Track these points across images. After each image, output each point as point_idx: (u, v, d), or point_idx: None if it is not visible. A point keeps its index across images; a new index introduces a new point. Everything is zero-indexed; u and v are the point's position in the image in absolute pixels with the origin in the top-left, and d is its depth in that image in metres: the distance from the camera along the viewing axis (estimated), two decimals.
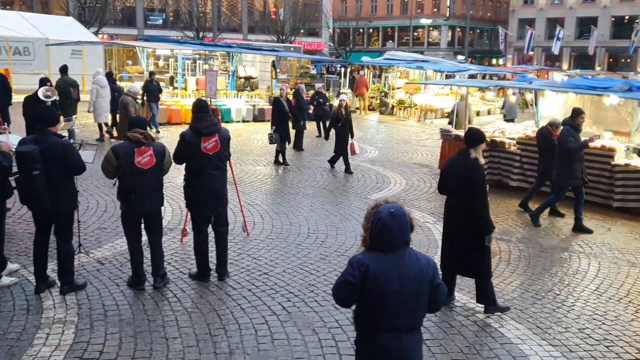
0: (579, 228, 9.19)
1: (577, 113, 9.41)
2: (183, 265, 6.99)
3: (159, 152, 6.16)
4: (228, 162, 6.73)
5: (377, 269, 3.23)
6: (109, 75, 16.68)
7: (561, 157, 9.21)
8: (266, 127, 19.70)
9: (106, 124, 15.39)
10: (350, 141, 12.86)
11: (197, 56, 25.28)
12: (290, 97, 15.82)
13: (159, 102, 17.54)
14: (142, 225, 6.29)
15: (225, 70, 24.67)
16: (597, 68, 50.27)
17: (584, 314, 6.14)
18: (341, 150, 12.85)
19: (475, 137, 5.94)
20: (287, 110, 13.61)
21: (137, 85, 13.63)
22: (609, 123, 12.91)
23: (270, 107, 21.73)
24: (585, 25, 51.61)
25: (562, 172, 9.20)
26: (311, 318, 5.72)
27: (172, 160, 6.41)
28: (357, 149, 13.24)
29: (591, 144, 9.52)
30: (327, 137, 13.65)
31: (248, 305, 5.97)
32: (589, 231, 9.14)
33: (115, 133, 15.37)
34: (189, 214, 7.08)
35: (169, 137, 15.87)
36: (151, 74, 17.71)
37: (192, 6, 43.64)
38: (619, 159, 10.61)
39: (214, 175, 6.38)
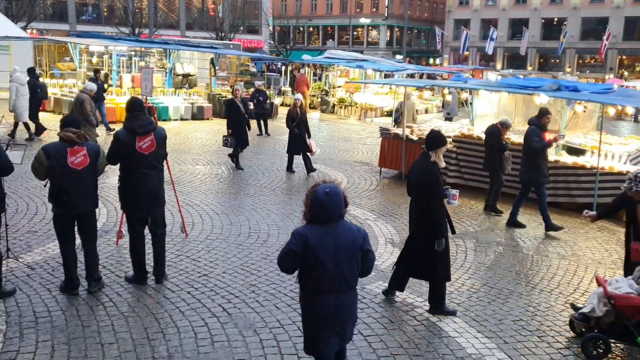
0: (513, 223, 9.51)
1: (543, 113, 9.64)
2: (119, 268, 6.78)
3: (93, 152, 5.95)
4: (165, 161, 6.56)
5: (315, 239, 3.86)
6: (31, 72, 15.97)
7: (528, 156, 9.45)
8: (205, 126, 19.51)
9: (25, 124, 14.63)
10: (308, 140, 12.67)
11: (133, 53, 24.56)
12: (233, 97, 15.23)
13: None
14: (76, 228, 6.05)
15: (163, 68, 24.12)
16: (529, 68, 52.32)
17: (518, 306, 6.36)
18: (294, 150, 12.66)
19: (435, 140, 5.94)
20: (243, 112, 12.92)
21: (92, 83, 13.20)
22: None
23: (210, 105, 21.75)
24: (518, 27, 53.54)
25: (530, 171, 9.39)
26: (252, 319, 5.66)
27: (107, 161, 6.20)
28: (315, 148, 12.91)
29: (554, 143, 9.75)
30: (266, 133, 13.47)
31: (187, 307, 5.84)
32: (522, 226, 9.49)
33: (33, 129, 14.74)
34: (124, 215, 6.89)
35: (104, 137, 15.37)
36: (96, 72, 17.08)
37: (127, 2, 42.42)
38: (549, 155, 11.03)
39: (149, 175, 6.20)
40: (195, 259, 7.21)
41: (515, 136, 11.95)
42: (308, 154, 12.63)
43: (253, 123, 17.54)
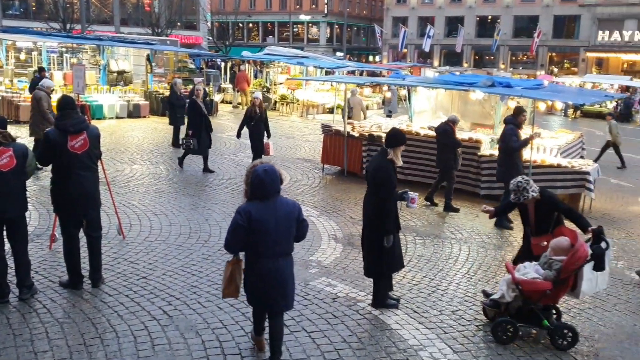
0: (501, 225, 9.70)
1: (519, 111, 9.82)
2: (52, 273, 6.52)
3: (21, 153, 5.68)
4: (99, 161, 6.35)
5: (257, 213, 4.45)
6: None
7: (505, 155, 9.63)
8: (142, 124, 19.02)
9: None
10: (265, 141, 12.34)
11: (64, 49, 23.66)
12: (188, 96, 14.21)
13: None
14: (5, 234, 5.77)
15: (96, 65, 23.35)
16: (465, 65, 53.75)
17: (457, 297, 6.53)
18: (258, 151, 12.28)
19: (395, 138, 5.95)
20: (205, 112, 12.35)
21: (49, 81, 12.70)
22: (475, 116, 13.85)
23: (147, 102, 21.20)
24: (453, 24, 54.89)
25: (509, 170, 9.53)
26: (194, 320, 5.57)
27: (37, 162, 5.94)
28: (272, 151, 12.57)
29: (531, 141, 9.85)
30: (238, 136, 12.65)
31: (126, 311, 5.69)
32: (456, 210, 10.03)
33: None
34: (57, 218, 6.62)
35: None
36: (41, 70, 16.29)
37: None
38: (485, 150, 11.41)
39: (83, 176, 5.98)
40: (134, 262, 7.02)
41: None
42: (263, 155, 12.22)
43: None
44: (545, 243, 5.84)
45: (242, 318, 5.65)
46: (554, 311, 5.81)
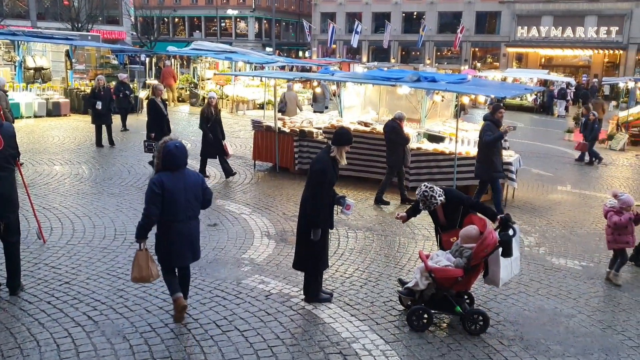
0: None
1: (495, 108, 9.93)
2: None
3: None
4: (15, 162, 6.00)
5: (169, 182, 5.18)
6: None
7: (482, 151, 9.74)
8: (63, 122, 18.20)
9: None
10: (223, 142, 11.86)
11: None
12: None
13: None
14: None
15: (11, 61, 22.12)
16: (392, 60, 54.73)
17: (387, 288, 6.63)
18: (208, 153, 11.75)
19: (341, 137, 5.91)
20: (166, 113, 11.76)
21: (4, 78, 11.88)
22: (402, 111, 14.09)
23: (67, 100, 20.29)
24: (381, 20, 55.72)
25: (484, 166, 9.67)
26: (121, 325, 5.37)
27: None
28: (230, 151, 12.22)
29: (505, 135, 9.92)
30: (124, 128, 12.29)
31: (47, 319, 5.41)
32: (387, 203, 10.26)
33: None
34: None
35: None
36: None
37: None
38: (412, 143, 11.64)
39: None
40: (55, 267, 6.70)
41: (381, 126, 12.43)
42: (225, 157, 11.83)
43: (117, 118, 16.72)
44: (454, 238, 5.99)
45: (171, 320, 5.50)
46: (466, 297, 6.01)
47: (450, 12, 54.18)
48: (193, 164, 11.20)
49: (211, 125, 11.69)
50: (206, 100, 12.09)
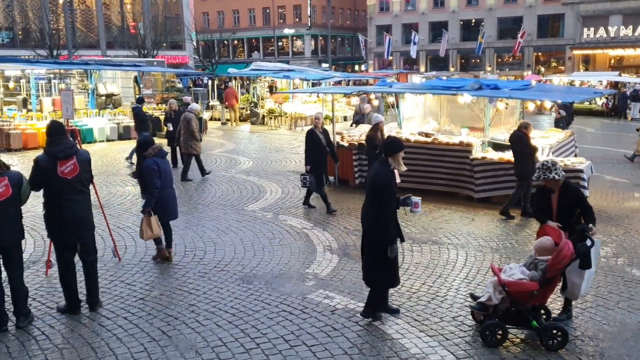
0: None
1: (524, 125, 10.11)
2: (50, 299, 6.47)
3: (15, 181, 5.69)
4: (91, 184, 6.33)
5: (162, 165, 7.66)
6: None
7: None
8: (133, 145, 18.89)
9: None
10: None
11: (52, 75, 23.64)
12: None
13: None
14: (1, 262, 5.73)
15: (84, 89, 23.33)
16: (451, 69, 54.04)
17: (456, 303, 6.50)
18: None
19: (392, 146, 5.91)
20: (324, 144, 10.75)
21: (197, 105, 14.95)
22: (464, 120, 13.88)
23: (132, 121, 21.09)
24: (437, 30, 55.25)
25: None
26: (193, 339, 5.53)
27: (29, 188, 5.93)
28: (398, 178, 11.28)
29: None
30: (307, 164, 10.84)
31: (124, 334, 5.64)
32: (512, 217, 10.00)
33: None
34: (52, 243, 6.59)
35: (26, 164, 14.68)
36: (140, 100, 17.03)
37: (43, 23, 40.73)
38: (476, 153, 11.44)
39: (75, 201, 5.97)
40: (130, 283, 6.98)
41: (443, 136, 12.30)
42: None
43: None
44: (551, 239, 5.67)
45: (242, 335, 5.61)
46: (542, 311, 5.79)
47: (509, 18, 53.07)
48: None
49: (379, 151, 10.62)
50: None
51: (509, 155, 11.35)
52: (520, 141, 10.16)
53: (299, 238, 8.88)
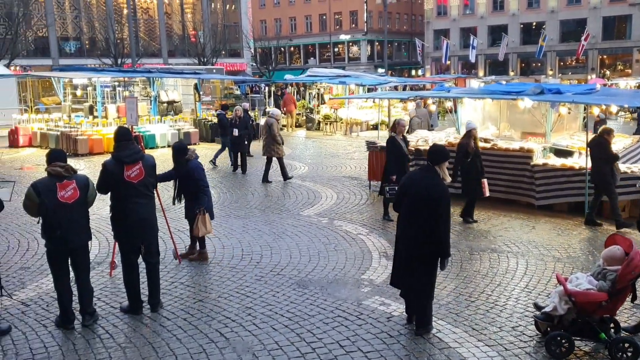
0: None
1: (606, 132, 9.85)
2: (113, 299, 6.71)
3: (83, 184, 5.94)
4: (155, 189, 6.55)
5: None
6: None
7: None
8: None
9: None
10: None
11: (117, 83, 24.62)
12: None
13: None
14: (69, 262, 6.00)
15: (147, 96, 24.15)
16: (511, 73, 52.85)
17: (516, 312, 6.34)
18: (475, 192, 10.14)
19: (442, 153, 5.76)
20: (405, 152, 10.16)
21: (277, 110, 15.88)
22: (525, 125, 13.55)
23: (196, 129, 21.72)
24: (497, 33, 54.20)
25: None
26: (250, 342, 5.61)
27: (97, 192, 6.19)
28: (487, 191, 10.29)
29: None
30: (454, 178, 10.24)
31: (184, 335, 5.79)
32: (629, 225, 9.46)
33: None
34: (116, 245, 6.86)
35: (92, 168, 15.31)
36: (225, 107, 17.68)
37: (108, 33, 42.50)
38: (537, 159, 11.13)
39: (140, 204, 6.20)
40: (190, 285, 7.16)
41: (502, 142, 12.03)
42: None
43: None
44: None
45: (297, 339, 5.66)
46: (611, 324, 5.55)
47: (573, 20, 51.51)
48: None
49: (471, 160, 9.98)
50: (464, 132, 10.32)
51: (572, 162, 11.01)
52: (599, 147, 9.76)
53: (354, 244, 8.87)
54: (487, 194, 10.29)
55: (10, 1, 38.43)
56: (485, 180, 10.20)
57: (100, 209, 10.24)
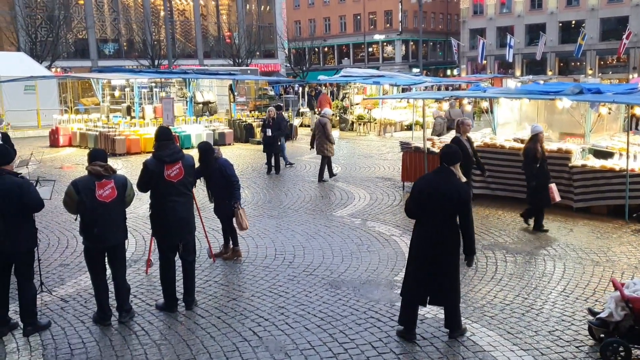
0: None
1: None
2: (149, 297, 6.83)
3: (121, 184, 6.06)
4: (193, 188, 6.67)
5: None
6: None
7: None
8: (227, 151, 19.57)
9: None
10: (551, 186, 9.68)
11: (154, 84, 25.09)
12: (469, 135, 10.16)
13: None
14: (106, 260, 6.14)
15: (183, 97, 24.53)
16: (549, 73, 51.83)
17: (553, 316, 6.21)
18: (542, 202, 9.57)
19: (457, 155, 5.77)
20: (471, 154, 9.49)
21: (330, 110, 15.91)
22: (563, 126, 13.28)
23: (231, 130, 21.95)
24: (535, 32, 53.20)
25: None
26: (283, 341, 5.64)
27: (136, 190, 6.32)
28: (557, 196, 9.69)
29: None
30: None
31: (218, 332, 5.86)
32: None
33: None
34: (152, 243, 6.98)
35: (129, 168, 15.62)
36: (279, 107, 17.41)
37: (145, 35, 43.33)
38: (576, 160, 10.89)
39: (179, 203, 6.31)
40: (224, 284, 7.24)
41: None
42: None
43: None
44: None
45: (330, 339, 5.66)
46: None
47: (614, 18, 50.20)
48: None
49: (540, 165, 9.44)
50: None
51: (612, 163, 10.73)
52: None
53: (387, 245, 8.83)
54: (558, 198, 9.64)
55: (52, 5, 39.54)
56: (553, 185, 9.63)
57: (137, 207, 10.43)
